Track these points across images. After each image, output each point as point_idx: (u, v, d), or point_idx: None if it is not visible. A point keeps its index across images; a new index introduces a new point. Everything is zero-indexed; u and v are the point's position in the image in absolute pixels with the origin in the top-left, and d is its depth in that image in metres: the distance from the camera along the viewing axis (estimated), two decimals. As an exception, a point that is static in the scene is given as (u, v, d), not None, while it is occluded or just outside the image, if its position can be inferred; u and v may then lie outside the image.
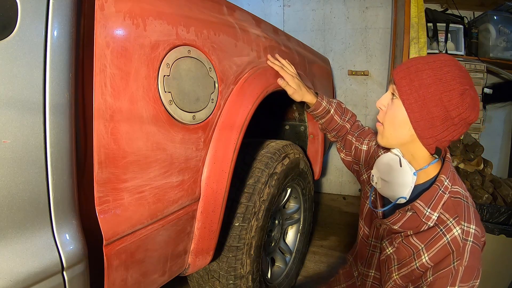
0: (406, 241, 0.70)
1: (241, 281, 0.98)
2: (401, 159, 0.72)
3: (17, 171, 0.42)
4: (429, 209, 0.66)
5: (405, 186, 0.70)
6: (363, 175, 0.96)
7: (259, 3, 2.66)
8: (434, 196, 0.67)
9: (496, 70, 2.22)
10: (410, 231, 0.70)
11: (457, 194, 0.68)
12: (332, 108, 1.04)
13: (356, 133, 1.03)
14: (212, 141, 0.78)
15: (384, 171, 0.75)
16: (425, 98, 0.64)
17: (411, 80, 0.66)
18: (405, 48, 2.07)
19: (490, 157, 2.23)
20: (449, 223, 0.64)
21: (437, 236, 0.65)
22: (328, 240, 1.92)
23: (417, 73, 0.66)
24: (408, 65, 0.68)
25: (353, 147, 1.01)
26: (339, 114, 1.05)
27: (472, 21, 2.32)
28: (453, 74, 0.64)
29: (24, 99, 0.41)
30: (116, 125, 0.56)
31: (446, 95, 0.63)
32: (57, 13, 0.43)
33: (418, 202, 0.68)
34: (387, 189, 0.74)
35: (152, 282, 0.71)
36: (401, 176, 0.71)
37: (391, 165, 0.73)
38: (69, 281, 0.49)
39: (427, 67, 0.65)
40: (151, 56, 0.60)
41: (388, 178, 0.73)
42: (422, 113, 0.65)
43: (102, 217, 0.55)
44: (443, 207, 0.66)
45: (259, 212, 0.99)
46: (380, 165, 0.77)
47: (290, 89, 1.01)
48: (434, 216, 0.66)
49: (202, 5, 0.75)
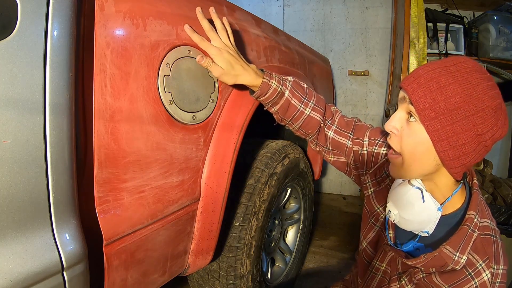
0: (428, 279, 0.63)
1: (241, 281, 0.98)
2: (424, 192, 0.61)
3: (17, 171, 0.42)
4: (458, 253, 0.59)
5: (429, 222, 0.62)
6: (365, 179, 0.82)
7: (259, 3, 2.66)
8: (463, 238, 0.59)
9: (496, 70, 2.22)
10: (433, 268, 0.63)
11: (486, 229, 0.61)
12: (286, 89, 0.77)
13: (348, 132, 0.81)
14: (212, 141, 0.78)
15: (403, 208, 0.63)
16: (454, 123, 0.53)
17: (435, 101, 0.53)
18: (405, 48, 2.07)
19: (490, 157, 2.24)
20: (479, 267, 0.59)
21: (464, 279, 0.59)
22: (328, 240, 1.92)
23: (440, 90, 0.53)
24: (427, 78, 0.54)
25: (350, 152, 0.82)
26: (298, 97, 0.78)
27: (472, 21, 2.32)
28: (483, 86, 0.53)
29: (24, 99, 0.41)
30: (116, 125, 0.56)
31: (479, 116, 0.52)
32: (57, 13, 0.43)
33: (446, 247, 0.59)
34: (407, 225, 0.65)
35: (152, 282, 0.71)
36: (424, 212, 0.61)
37: (412, 201, 0.62)
38: (69, 281, 0.49)
39: (451, 80, 0.53)
40: (151, 56, 0.60)
41: (409, 216, 0.63)
42: (451, 141, 0.54)
43: (102, 217, 0.55)
44: (472, 247, 0.59)
45: (259, 212, 0.98)
46: (397, 201, 0.64)
47: (216, 69, 0.70)
48: (463, 260, 0.59)
49: (202, 5, 0.75)
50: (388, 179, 0.76)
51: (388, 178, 0.76)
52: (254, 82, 0.74)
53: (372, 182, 0.78)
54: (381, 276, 0.75)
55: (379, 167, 0.78)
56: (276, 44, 1.07)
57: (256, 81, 0.74)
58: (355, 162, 0.82)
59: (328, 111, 0.83)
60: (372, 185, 0.78)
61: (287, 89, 0.77)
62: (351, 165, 0.83)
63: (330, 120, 0.83)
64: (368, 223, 0.79)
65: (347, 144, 0.81)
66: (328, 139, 0.82)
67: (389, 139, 0.62)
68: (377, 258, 0.75)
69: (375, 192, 0.78)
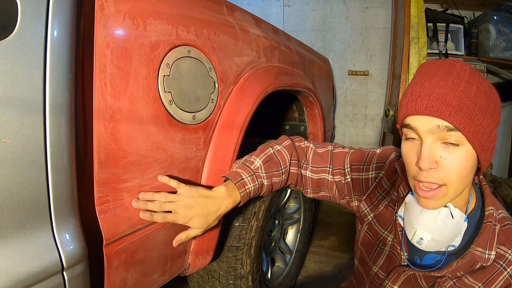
0: (460, 283, 0.63)
1: (241, 281, 0.98)
2: (451, 209, 0.59)
3: (17, 171, 0.42)
4: (487, 251, 0.59)
5: (456, 236, 0.61)
6: (360, 206, 0.78)
7: (259, 3, 2.66)
8: (489, 235, 0.59)
9: (496, 70, 2.22)
10: (461, 272, 0.62)
11: (505, 220, 0.62)
12: (263, 179, 0.74)
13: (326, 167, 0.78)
14: (212, 141, 0.78)
15: (437, 231, 0.60)
16: (488, 126, 0.53)
17: (471, 115, 0.51)
18: (405, 48, 2.07)
19: (490, 157, 2.24)
20: (509, 256, 0.60)
21: (497, 272, 0.60)
22: (328, 240, 1.92)
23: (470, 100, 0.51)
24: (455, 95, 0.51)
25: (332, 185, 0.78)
26: (276, 174, 0.75)
27: (472, 21, 2.32)
28: (486, 83, 0.54)
29: (24, 99, 0.41)
30: (116, 125, 0.56)
31: (497, 110, 0.54)
32: (57, 13, 0.43)
33: (476, 249, 0.59)
34: (437, 246, 0.62)
35: (152, 282, 0.71)
36: (455, 228, 0.60)
37: (445, 222, 0.59)
38: (69, 281, 0.49)
39: (470, 86, 0.52)
40: (151, 56, 0.60)
41: (441, 237, 0.60)
42: (488, 143, 0.54)
43: (102, 217, 0.55)
44: (498, 240, 0.60)
45: (259, 212, 0.98)
46: (429, 225, 0.60)
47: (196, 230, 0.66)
48: (492, 255, 0.59)
49: (202, 5, 0.75)
50: (386, 200, 0.74)
51: (385, 199, 0.74)
52: (235, 201, 0.70)
53: (369, 207, 0.76)
54: None
55: (372, 191, 0.75)
56: (276, 44, 1.07)
57: (234, 197, 0.69)
58: (341, 192, 0.79)
59: (301, 154, 0.80)
60: (371, 210, 0.76)
61: (264, 179, 0.74)
62: (336, 196, 0.80)
63: (304, 162, 0.80)
64: (375, 249, 0.77)
65: (327, 179, 0.78)
66: (307, 179, 0.80)
67: (427, 178, 0.55)
68: (390, 280, 0.73)
69: (375, 217, 0.75)
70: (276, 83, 0.99)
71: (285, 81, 1.05)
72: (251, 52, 0.91)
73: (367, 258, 0.79)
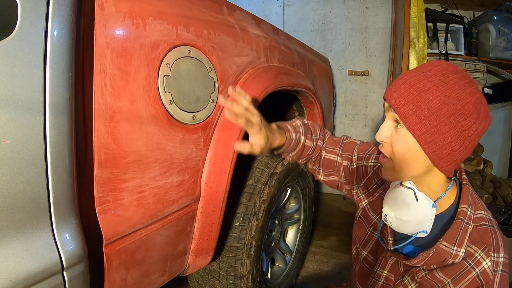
0: (430, 275, 0.65)
1: (241, 281, 0.98)
2: (416, 192, 0.63)
3: (17, 171, 0.42)
4: (455, 247, 0.61)
5: (425, 221, 0.63)
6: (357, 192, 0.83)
7: (259, 3, 2.66)
8: (459, 231, 0.61)
9: (496, 70, 2.22)
10: (434, 265, 0.65)
11: (481, 220, 0.63)
12: (301, 135, 0.79)
13: (336, 149, 0.84)
14: (212, 141, 0.78)
15: (399, 209, 0.65)
16: (438, 124, 0.56)
17: (416, 107, 0.57)
18: (405, 48, 2.07)
19: (490, 157, 2.24)
20: (478, 256, 0.60)
21: (465, 270, 0.61)
22: (328, 240, 1.92)
23: (420, 95, 0.56)
24: (407, 86, 0.58)
25: (340, 167, 0.84)
26: (309, 137, 0.82)
27: (472, 21, 2.32)
28: (460, 85, 0.56)
29: (24, 99, 0.41)
30: (116, 125, 0.56)
31: (460, 114, 0.56)
32: (57, 13, 0.43)
33: (442, 243, 0.61)
34: (405, 227, 0.66)
35: (152, 282, 0.71)
36: (419, 211, 0.63)
37: (406, 202, 0.64)
38: (69, 281, 0.49)
39: (429, 85, 0.56)
40: (151, 56, 0.60)
41: (405, 217, 0.64)
42: (438, 141, 0.57)
43: (102, 217, 0.55)
44: (470, 239, 0.61)
45: (259, 212, 0.98)
46: (392, 203, 0.66)
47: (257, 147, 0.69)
48: (461, 252, 0.61)
49: (202, 5, 0.75)
50: (380, 189, 0.78)
51: (380, 188, 0.78)
52: (282, 142, 0.74)
53: (365, 194, 0.81)
54: (383, 283, 0.76)
55: (369, 178, 0.80)
56: (276, 44, 1.07)
57: (282, 139, 0.75)
58: (346, 177, 0.84)
59: (328, 138, 0.88)
60: (366, 196, 0.81)
61: (302, 135, 0.80)
62: (343, 180, 0.86)
63: (324, 142, 0.88)
64: (366, 233, 0.81)
65: (336, 160, 0.85)
66: (321, 158, 0.86)
67: (381, 148, 0.65)
68: (378, 265, 0.77)
69: (369, 203, 0.80)
70: (276, 83, 0.99)
71: (285, 81, 1.05)
72: (251, 52, 0.91)
73: (358, 243, 0.83)
